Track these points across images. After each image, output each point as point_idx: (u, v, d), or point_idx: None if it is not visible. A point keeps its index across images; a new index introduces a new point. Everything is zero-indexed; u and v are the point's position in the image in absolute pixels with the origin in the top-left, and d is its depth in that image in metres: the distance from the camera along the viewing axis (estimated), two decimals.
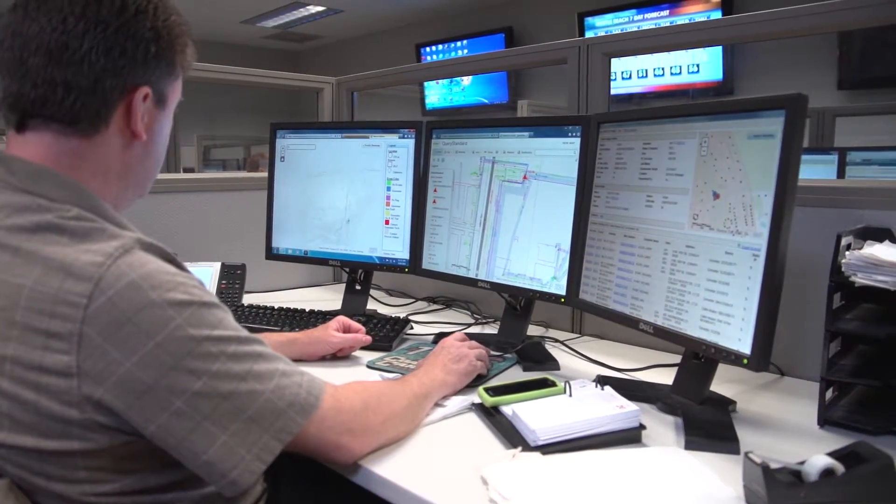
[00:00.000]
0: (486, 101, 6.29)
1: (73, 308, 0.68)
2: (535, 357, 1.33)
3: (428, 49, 6.64)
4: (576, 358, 1.39)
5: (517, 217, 1.38)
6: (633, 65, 5.06)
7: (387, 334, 1.45)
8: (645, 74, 5.05)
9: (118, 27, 0.77)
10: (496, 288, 1.43)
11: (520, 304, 1.45)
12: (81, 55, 0.75)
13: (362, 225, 1.65)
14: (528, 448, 0.91)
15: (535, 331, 1.57)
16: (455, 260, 1.50)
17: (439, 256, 1.54)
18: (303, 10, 6.44)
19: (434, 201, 1.55)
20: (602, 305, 1.20)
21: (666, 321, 1.06)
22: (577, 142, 1.28)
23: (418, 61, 6.38)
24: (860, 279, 0.94)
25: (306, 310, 1.62)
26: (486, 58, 1.86)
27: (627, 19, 5.14)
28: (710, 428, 0.97)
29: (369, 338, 1.36)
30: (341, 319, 1.37)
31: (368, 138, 1.64)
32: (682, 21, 4.39)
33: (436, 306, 1.87)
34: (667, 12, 4.93)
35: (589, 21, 5.32)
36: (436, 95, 6.65)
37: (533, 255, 1.35)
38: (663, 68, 4.93)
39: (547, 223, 1.33)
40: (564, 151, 1.30)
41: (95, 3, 0.76)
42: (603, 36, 1.58)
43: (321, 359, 1.33)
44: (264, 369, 0.77)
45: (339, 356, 1.35)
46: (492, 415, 1.02)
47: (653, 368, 1.30)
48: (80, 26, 0.75)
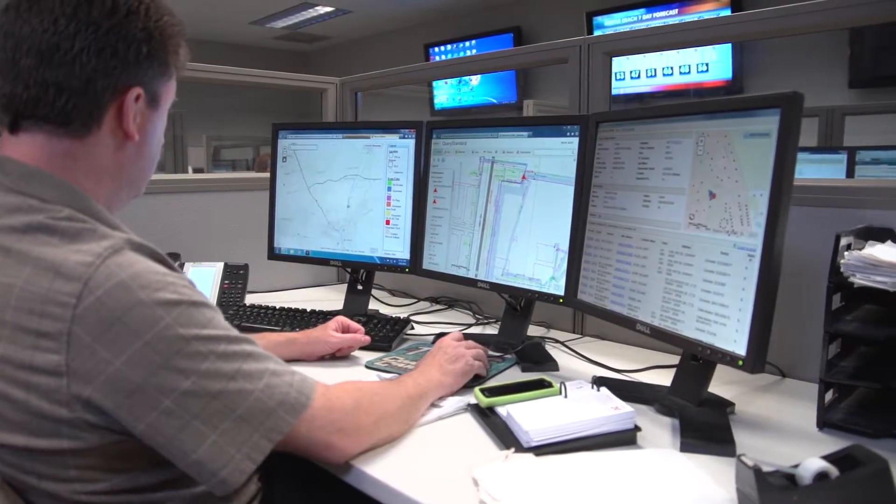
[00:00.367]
0: (494, 100, 6.28)
1: (62, 308, 0.69)
2: (534, 358, 1.33)
3: (436, 49, 6.64)
4: (576, 359, 1.39)
5: (516, 217, 1.37)
6: (641, 64, 5.03)
7: (386, 334, 1.44)
8: (654, 74, 5.01)
9: (109, 28, 0.77)
10: (495, 288, 1.43)
11: (520, 304, 1.44)
12: (73, 56, 0.76)
13: (363, 225, 1.65)
14: (521, 449, 0.90)
15: (536, 331, 1.56)
16: (455, 260, 1.50)
17: (439, 257, 1.54)
18: (311, 10, 6.46)
19: (434, 201, 1.55)
20: (600, 306, 1.20)
21: (662, 322, 1.05)
22: (575, 141, 1.27)
23: (427, 61, 6.37)
24: (858, 280, 0.93)
25: (307, 310, 1.62)
26: (487, 58, 1.86)
27: (636, 18, 5.10)
28: (707, 430, 0.96)
29: (368, 338, 1.36)
30: (340, 319, 1.37)
31: (369, 138, 1.64)
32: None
33: (438, 306, 1.86)
34: (676, 11, 4.89)
35: (597, 20, 5.29)
36: (445, 95, 6.64)
37: (532, 255, 1.34)
38: (672, 67, 4.89)
39: (546, 223, 1.32)
40: (563, 151, 1.29)
41: (87, 5, 0.77)
42: (603, 35, 1.57)
43: (320, 359, 1.33)
44: (254, 369, 0.77)
45: (338, 356, 1.35)
46: (487, 416, 1.02)
47: (652, 369, 1.29)
48: (71, 27, 0.76)
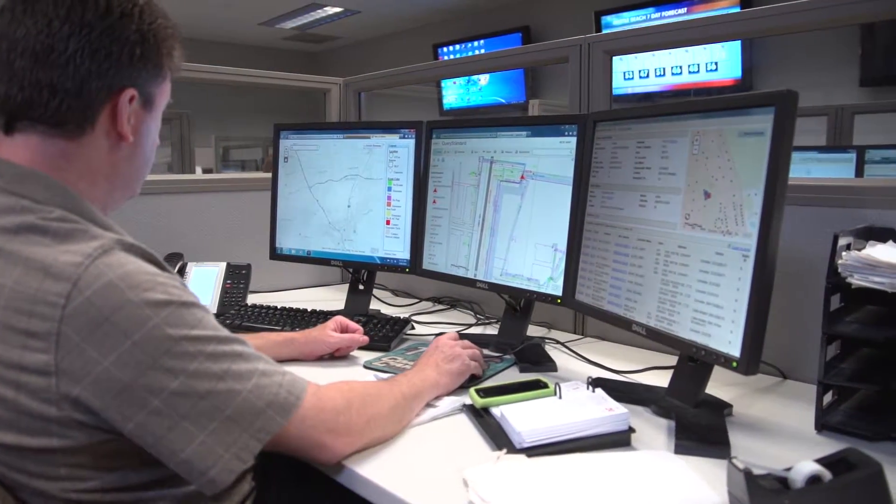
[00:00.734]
0: (503, 100, 6.26)
1: (51, 308, 0.69)
2: (532, 358, 1.32)
3: (445, 49, 6.63)
4: (575, 360, 1.38)
5: (515, 217, 1.37)
6: (651, 63, 4.99)
7: (385, 334, 1.44)
8: (663, 73, 4.98)
9: (103, 30, 0.78)
10: (494, 288, 1.42)
11: (519, 304, 1.44)
12: (67, 58, 0.76)
13: (364, 225, 1.65)
14: (513, 450, 0.90)
15: (537, 332, 1.56)
16: (454, 260, 1.50)
17: (439, 257, 1.53)
18: (320, 11, 6.48)
19: (434, 201, 1.55)
20: (597, 307, 1.19)
21: (658, 323, 1.04)
22: (573, 141, 1.26)
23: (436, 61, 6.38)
24: (857, 280, 0.92)
25: (308, 310, 1.62)
26: (488, 58, 1.86)
27: (645, 17, 5.07)
28: (702, 432, 0.95)
29: (366, 338, 1.36)
30: (339, 319, 1.38)
31: (370, 139, 1.64)
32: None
33: (440, 306, 1.86)
34: (685, 10, 4.85)
35: (606, 20, 5.25)
36: (453, 95, 6.63)
37: (530, 255, 1.34)
38: (681, 67, 4.85)
39: (544, 223, 1.32)
40: (561, 151, 1.29)
41: (80, 7, 0.77)
42: (604, 34, 1.57)
43: (319, 359, 1.33)
44: (243, 369, 0.77)
45: (336, 356, 1.35)
46: (482, 416, 1.02)
47: (651, 370, 1.28)
48: (65, 29, 0.76)
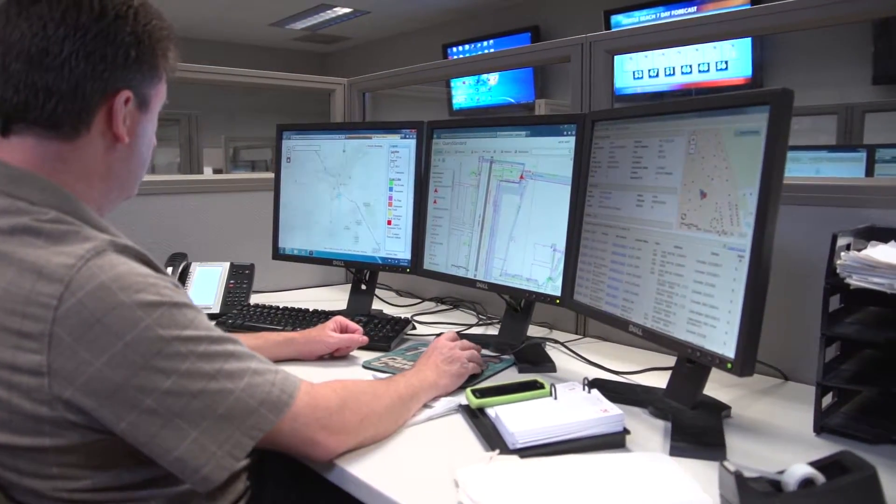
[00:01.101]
0: (512, 100, 6.24)
1: (43, 309, 0.70)
2: (531, 359, 1.32)
3: (455, 49, 6.62)
4: (575, 360, 1.37)
5: (514, 217, 1.36)
6: (660, 62, 4.95)
7: (386, 334, 1.45)
8: (672, 72, 4.94)
9: (98, 32, 0.78)
10: (494, 289, 1.42)
11: (520, 305, 1.43)
12: (62, 60, 0.77)
13: (365, 225, 1.66)
14: (506, 451, 0.90)
15: (538, 332, 1.55)
16: (455, 260, 1.50)
17: (440, 257, 1.53)
18: (330, 11, 6.50)
19: (434, 201, 1.55)
20: (595, 307, 1.18)
21: (654, 324, 1.04)
22: (571, 141, 1.26)
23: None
24: (855, 281, 0.91)
25: (309, 310, 1.63)
26: (489, 57, 1.86)
27: (654, 16, 5.03)
28: (698, 433, 0.94)
29: (366, 338, 1.36)
30: (338, 319, 1.38)
31: (371, 139, 1.64)
32: None
33: (443, 307, 1.86)
34: (694, 8, 4.81)
35: (615, 19, 5.22)
36: (463, 95, 6.62)
37: (529, 255, 1.33)
38: (690, 65, 4.81)
39: (543, 223, 1.31)
40: (560, 151, 1.28)
41: (75, 9, 0.78)
42: (605, 33, 1.56)
43: (318, 358, 1.34)
44: (235, 368, 0.78)
45: (336, 356, 1.35)
46: (477, 416, 1.01)
47: (650, 371, 1.27)
48: (59, 32, 0.77)
